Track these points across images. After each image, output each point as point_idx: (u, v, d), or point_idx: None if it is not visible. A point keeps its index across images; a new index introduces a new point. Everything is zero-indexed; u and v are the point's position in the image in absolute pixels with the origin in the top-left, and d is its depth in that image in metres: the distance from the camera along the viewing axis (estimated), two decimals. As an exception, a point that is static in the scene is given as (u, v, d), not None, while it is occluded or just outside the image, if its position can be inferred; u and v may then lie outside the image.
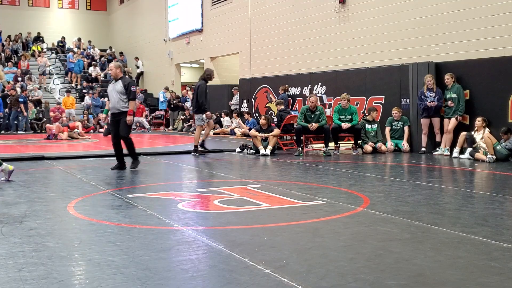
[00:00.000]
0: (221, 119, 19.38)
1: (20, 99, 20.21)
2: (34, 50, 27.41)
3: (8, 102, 20.48)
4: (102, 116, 8.48)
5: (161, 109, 22.89)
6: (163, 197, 6.38)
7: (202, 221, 5.19)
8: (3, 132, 19.75)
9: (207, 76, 11.83)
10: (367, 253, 3.89)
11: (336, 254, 3.87)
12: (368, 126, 11.95)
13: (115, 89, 8.95)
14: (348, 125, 11.57)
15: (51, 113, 20.53)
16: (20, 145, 15.05)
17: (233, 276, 3.39)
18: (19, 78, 23.53)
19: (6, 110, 20.40)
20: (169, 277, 3.41)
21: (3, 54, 25.72)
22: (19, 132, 20.26)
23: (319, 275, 3.39)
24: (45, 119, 20.72)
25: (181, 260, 3.82)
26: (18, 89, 22.25)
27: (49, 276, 3.41)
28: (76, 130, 17.33)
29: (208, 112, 11.82)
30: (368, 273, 3.41)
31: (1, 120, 20.13)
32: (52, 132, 16.84)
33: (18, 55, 26.16)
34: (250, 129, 14.15)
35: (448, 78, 11.01)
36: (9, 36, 27.47)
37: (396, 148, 11.87)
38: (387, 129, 11.99)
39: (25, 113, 20.26)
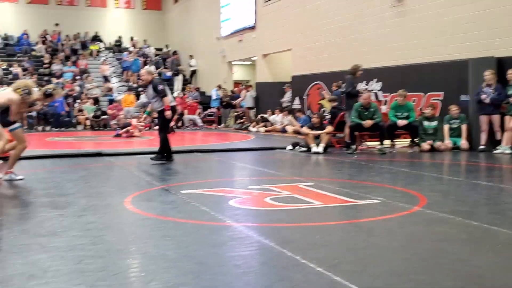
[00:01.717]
0: (273, 116, 19.39)
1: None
2: (91, 50, 28.23)
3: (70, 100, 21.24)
4: (144, 116, 9.30)
5: (213, 107, 23.13)
6: (215, 194, 6.44)
7: (254, 218, 5.21)
8: (63, 129, 20.43)
9: (353, 70, 11.91)
10: (423, 253, 3.81)
11: (391, 254, 3.81)
12: (426, 123, 11.66)
13: (148, 93, 9.74)
14: (404, 122, 11.32)
15: (109, 111, 21.08)
16: (79, 141, 15.55)
17: (285, 273, 3.39)
18: (78, 77, 24.27)
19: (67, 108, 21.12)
20: (222, 272, 3.44)
21: (62, 53, 26.58)
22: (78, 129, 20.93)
23: (373, 275, 3.35)
24: (103, 116, 21.28)
25: (233, 255, 3.84)
26: (77, 88, 22.97)
27: (106, 269, 3.50)
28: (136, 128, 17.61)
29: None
30: (424, 274, 3.34)
31: (61, 118, 20.81)
32: (119, 131, 17.05)
33: (77, 54, 26.99)
34: (302, 127, 14.09)
35: (510, 74, 10.61)
36: (68, 36, 28.38)
37: (454, 146, 11.55)
38: (446, 127, 11.65)
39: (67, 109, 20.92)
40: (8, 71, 23.81)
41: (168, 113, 9.38)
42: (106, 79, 23.85)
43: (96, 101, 22.35)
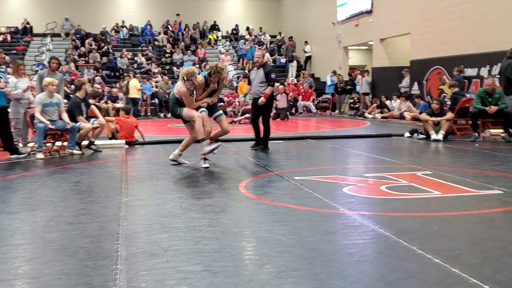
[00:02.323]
0: (391, 102, 18.87)
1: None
2: (210, 38, 29.11)
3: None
4: (241, 99, 9.11)
5: (328, 93, 22.96)
6: (329, 181, 6.41)
7: (368, 206, 5.13)
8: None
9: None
10: (552, 249, 3.54)
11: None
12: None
13: (257, 75, 9.47)
14: None
15: (225, 98, 21.69)
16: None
17: (400, 263, 3.31)
18: (197, 66, 25.17)
19: None
20: (335, 259, 3.43)
21: (183, 43, 27.67)
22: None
23: (494, 268, 3.17)
24: (219, 103, 21.94)
25: (346, 243, 3.82)
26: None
27: (222, 250, 3.63)
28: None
29: None
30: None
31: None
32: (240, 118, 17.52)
33: (196, 43, 27.96)
34: (420, 113, 13.57)
35: None
36: (187, 26, 29.48)
37: None
38: None
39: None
40: (134, 60, 25.26)
41: (263, 99, 9.30)
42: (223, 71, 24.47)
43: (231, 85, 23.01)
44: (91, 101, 10.66)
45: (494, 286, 2.87)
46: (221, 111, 8.05)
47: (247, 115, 17.20)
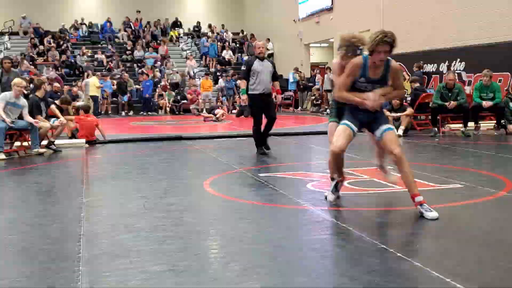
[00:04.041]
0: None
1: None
2: (172, 35, 28.87)
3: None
4: (243, 97, 7.89)
5: (290, 90, 23.08)
6: (293, 177, 6.45)
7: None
8: (146, 113, 21.12)
9: None
10: (508, 240, 3.64)
11: (474, 241, 3.67)
12: None
13: (267, 69, 8.56)
14: (490, 103, 10.81)
15: (188, 95, 21.57)
16: (160, 125, 16.04)
17: (363, 258, 3.35)
18: (159, 63, 24.95)
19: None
20: (299, 255, 3.45)
21: (143, 40, 27.36)
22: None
23: (455, 262, 3.24)
24: (183, 101, 21.79)
25: (310, 239, 3.85)
26: (158, 74, 23.63)
27: (187, 249, 3.61)
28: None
29: None
30: (509, 262, 3.19)
31: (147, 101, 21.50)
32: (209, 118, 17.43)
33: (158, 40, 27.70)
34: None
35: None
36: (148, 22, 29.16)
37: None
38: None
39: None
40: (94, 58, 24.85)
41: (280, 97, 8.88)
42: (190, 75, 24.13)
43: (176, 86, 22.89)
44: (63, 106, 10.50)
45: (456, 279, 2.93)
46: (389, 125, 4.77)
47: (218, 110, 17.21)
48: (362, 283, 2.92)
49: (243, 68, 8.95)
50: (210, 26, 29.87)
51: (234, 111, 20.52)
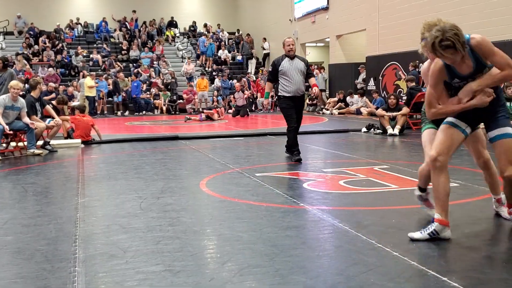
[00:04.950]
0: (348, 98, 19.12)
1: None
2: (167, 35, 28.83)
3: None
4: (266, 101, 7.42)
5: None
6: (289, 177, 6.45)
7: (328, 201, 5.18)
8: (144, 112, 21.08)
9: None
10: (505, 238, 3.65)
11: (470, 239, 3.67)
12: (507, 103, 11.12)
13: (298, 68, 7.75)
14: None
15: (184, 95, 21.55)
16: (156, 125, 16.02)
17: (359, 257, 3.35)
18: (155, 62, 24.91)
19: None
20: (296, 254, 3.45)
21: (139, 40, 27.33)
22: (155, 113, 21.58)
23: (451, 260, 3.25)
24: (179, 101, 21.77)
25: (307, 238, 3.84)
26: (153, 73, 23.59)
27: (183, 249, 3.60)
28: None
29: None
30: (508, 260, 3.20)
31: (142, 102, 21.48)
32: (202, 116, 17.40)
33: (153, 40, 27.67)
34: (377, 108, 13.81)
35: None
36: (144, 22, 29.13)
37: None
38: None
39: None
40: (89, 58, 24.80)
41: (317, 91, 8.23)
42: (189, 79, 23.99)
43: (173, 85, 22.85)
44: (59, 106, 10.47)
45: (452, 278, 2.93)
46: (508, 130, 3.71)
47: (213, 111, 17.21)
48: (359, 282, 2.92)
49: (269, 69, 8.18)
50: (205, 25, 29.86)
51: (230, 111, 20.53)
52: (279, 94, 7.91)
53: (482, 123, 3.75)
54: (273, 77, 7.91)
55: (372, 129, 11.82)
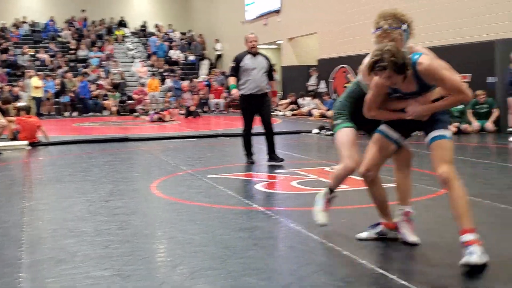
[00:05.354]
0: (299, 100, 19.30)
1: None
2: (117, 35, 28.37)
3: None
4: (234, 92, 6.94)
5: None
6: (242, 178, 6.45)
7: (280, 201, 5.21)
8: (91, 114, 20.66)
9: None
10: (449, 237, 3.75)
11: (418, 238, 3.76)
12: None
13: (260, 65, 7.46)
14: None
15: (135, 96, 21.24)
16: (105, 127, 15.72)
17: (311, 257, 3.38)
18: (104, 62, 24.47)
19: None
20: (248, 256, 3.44)
21: (88, 39, 26.78)
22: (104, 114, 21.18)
23: (399, 259, 3.32)
24: (129, 101, 21.44)
25: (259, 239, 3.85)
26: (103, 73, 23.16)
27: (133, 253, 3.54)
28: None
29: None
30: (452, 258, 3.29)
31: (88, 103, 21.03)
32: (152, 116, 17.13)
33: (103, 40, 27.17)
34: (328, 110, 14.00)
35: None
36: (93, 22, 28.57)
37: (481, 128, 11.35)
38: (469, 111, 11.47)
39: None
40: (35, 57, 24.12)
41: (275, 98, 7.80)
42: (142, 84, 23.50)
43: (120, 86, 22.48)
44: (3, 107, 10.12)
45: (401, 276, 2.99)
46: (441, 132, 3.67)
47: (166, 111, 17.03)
48: (310, 283, 2.95)
49: (231, 64, 7.83)
50: (157, 25, 29.55)
51: (181, 112, 20.35)
52: (240, 92, 7.57)
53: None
54: (235, 72, 7.59)
55: (323, 130, 11.97)
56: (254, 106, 7.49)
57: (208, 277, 3.07)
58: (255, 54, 7.48)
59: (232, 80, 7.68)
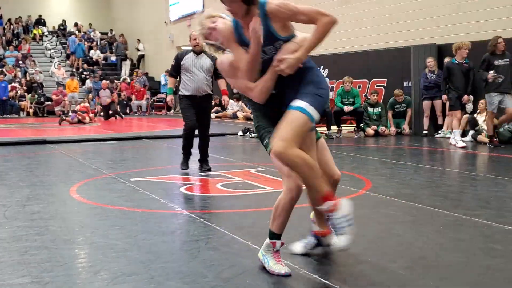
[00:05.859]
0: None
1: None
2: (35, 34, 27.28)
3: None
4: (168, 99, 6.60)
5: (162, 93, 22.84)
6: (165, 181, 6.38)
7: (205, 204, 5.20)
8: (4, 116, 19.75)
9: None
10: (369, 235, 3.89)
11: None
12: (370, 109, 11.94)
13: (201, 65, 6.96)
14: (350, 108, 11.58)
15: (54, 96, 20.51)
16: (22, 129, 15.07)
17: (236, 259, 3.40)
18: (20, 62, 23.47)
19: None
20: (172, 260, 3.42)
21: (4, 38, 25.60)
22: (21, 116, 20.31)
23: (322, 259, 3.40)
24: (47, 102, 20.67)
25: (183, 243, 3.83)
26: (19, 73, 22.20)
27: (52, 260, 3.42)
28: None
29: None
30: (371, 256, 3.42)
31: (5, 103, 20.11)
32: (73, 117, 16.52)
33: (19, 39, 26.06)
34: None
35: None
36: (9, 20, 27.33)
37: (397, 131, 11.86)
38: (390, 112, 11.98)
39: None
40: None
41: (227, 98, 7.60)
42: (58, 84, 22.62)
43: (41, 86, 21.67)
44: None
45: (329, 278, 3.07)
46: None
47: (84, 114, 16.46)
48: (235, 284, 2.96)
49: (172, 62, 7.28)
50: (76, 24, 28.67)
51: (101, 113, 19.83)
52: (179, 93, 7.17)
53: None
54: (175, 71, 7.14)
55: (248, 133, 12.05)
56: (194, 106, 7.03)
57: (131, 283, 3.02)
58: (199, 53, 6.97)
59: (170, 83, 7.36)
